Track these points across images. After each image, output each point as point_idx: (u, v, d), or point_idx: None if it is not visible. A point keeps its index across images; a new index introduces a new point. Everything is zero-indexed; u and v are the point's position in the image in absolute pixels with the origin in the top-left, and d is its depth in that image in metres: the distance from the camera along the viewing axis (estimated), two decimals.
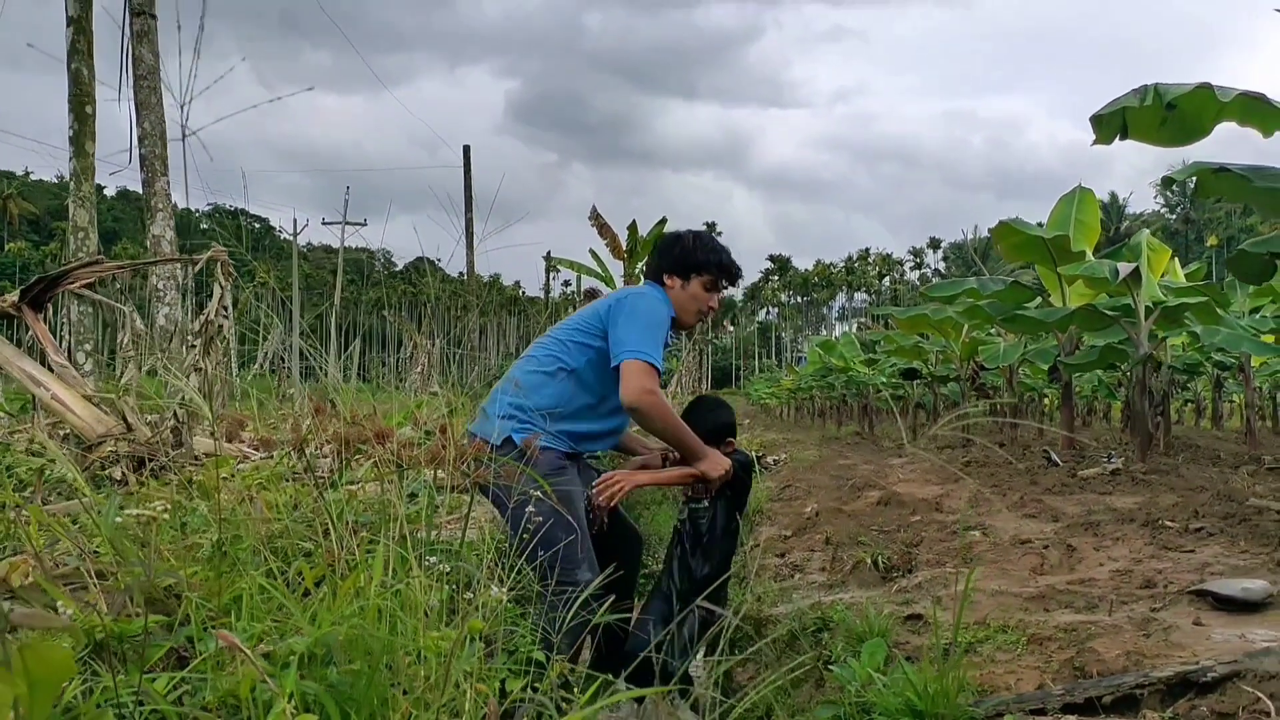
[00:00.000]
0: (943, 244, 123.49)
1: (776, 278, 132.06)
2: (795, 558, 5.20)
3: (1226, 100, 4.15)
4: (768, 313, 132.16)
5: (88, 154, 8.08)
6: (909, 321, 9.98)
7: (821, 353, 17.09)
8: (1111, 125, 4.38)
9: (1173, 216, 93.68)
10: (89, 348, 8.03)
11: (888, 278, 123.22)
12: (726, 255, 3.24)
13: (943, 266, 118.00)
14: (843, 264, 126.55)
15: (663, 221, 13.45)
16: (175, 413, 6.42)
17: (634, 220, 13.14)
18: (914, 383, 13.77)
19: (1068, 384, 8.09)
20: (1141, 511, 4.55)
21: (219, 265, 7.78)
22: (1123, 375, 9.98)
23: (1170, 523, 4.19)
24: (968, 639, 3.02)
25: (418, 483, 2.84)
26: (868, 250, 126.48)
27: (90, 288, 8.01)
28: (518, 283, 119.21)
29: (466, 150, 18.97)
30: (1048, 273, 7.58)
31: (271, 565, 2.15)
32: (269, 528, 2.48)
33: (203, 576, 2.17)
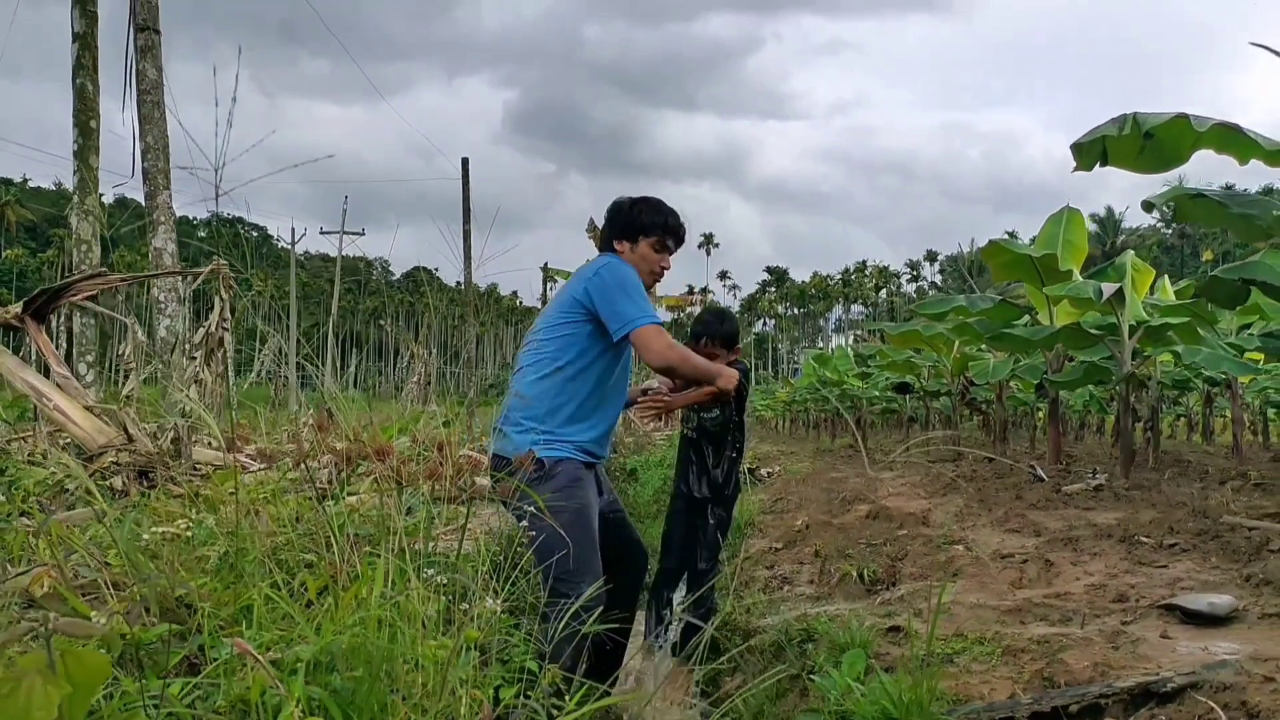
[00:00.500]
0: (940, 257, 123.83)
1: (774, 289, 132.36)
2: (785, 570, 5.31)
3: (1203, 130, 4.29)
4: (764, 324, 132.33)
5: (92, 168, 8.20)
6: (901, 337, 10.11)
7: (816, 366, 17.22)
8: (1092, 153, 4.51)
9: (1169, 231, 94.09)
10: (90, 359, 8.13)
11: (884, 290, 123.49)
12: (672, 216, 3.32)
13: (940, 279, 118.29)
14: (840, 276, 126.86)
15: None
16: (176, 424, 6.53)
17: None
18: (906, 397, 13.89)
19: (1054, 400, 8.23)
20: (1120, 527, 4.66)
21: (220, 278, 7.90)
22: (1113, 390, 10.11)
23: (1146, 538, 4.31)
24: (946, 650, 3.13)
25: (416, 498, 2.94)
26: (865, 262, 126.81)
27: (93, 300, 8.13)
28: (515, 293, 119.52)
29: (465, 163, 19.12)
30: (1036, 291, 7.72)
31: (277, 578, 2.26)
32: (273, 540, 2.59)
33: (211, 588, 2.28)
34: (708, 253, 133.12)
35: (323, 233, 44.35)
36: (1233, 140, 4.43)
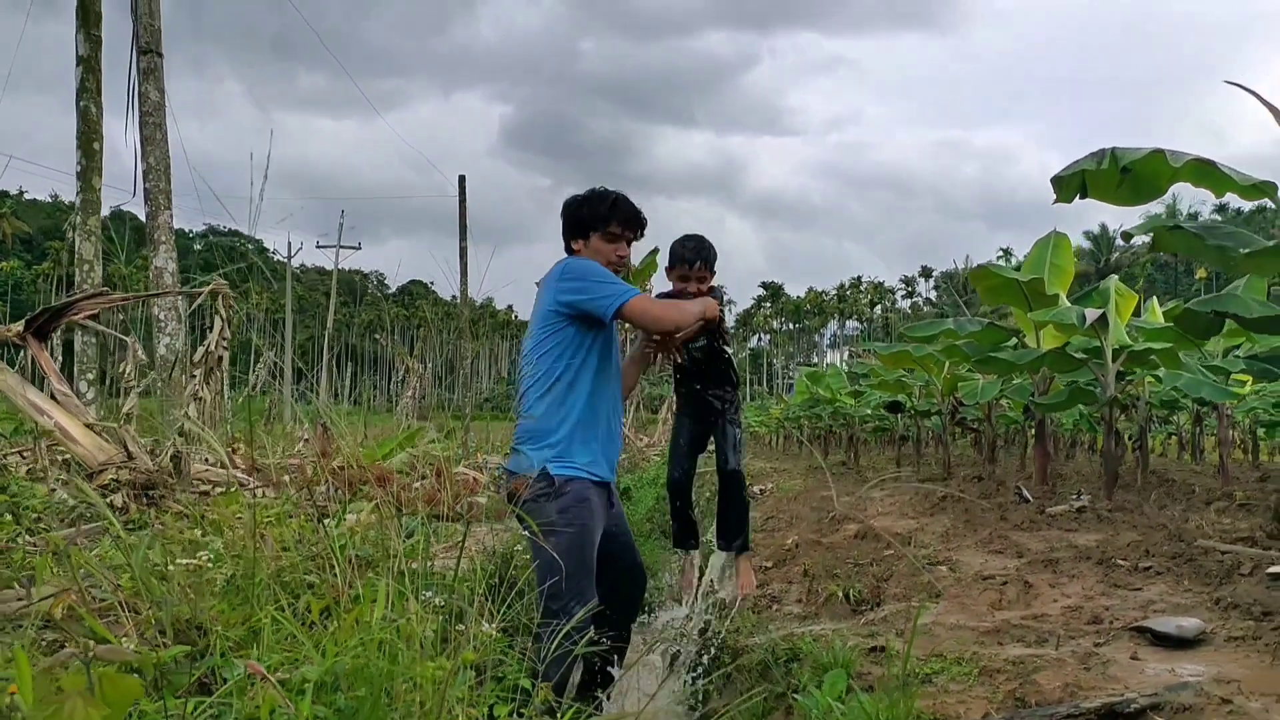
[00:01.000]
0: (934, 273, 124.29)
1: (769, 304, 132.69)
2: (774, 589, 5.41)
3: (1178, 165, 4.42)
4: (759, 339, 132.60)
5: (94, 189, 8.32)
6: (892, 357, 10.23)
7: (809, 383, 17.34)
8: (1071, 186, 4.65)
9: None
10: (91, 376, 8.23)
11: (879, 306, 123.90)
12: (617, 208, 3.30)
13: (934, 295, 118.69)
14: (835, 291, 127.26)
15: (655, 251, 13.65)
16: (175, 441, 6.63)
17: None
18: (898, 416, 14.03)
19: (1041, 422, 8.36)
20: (1099, 549, 4.79)
21: (220, 297, 8.02)
22: (1098, 413, 10.24)
23: (1122, 561, 4.43)
24: (925, 670, 3.25)
25: (415, 521, 3.05)
26: (860, 278, 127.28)
27: (94, 318, 8.24)
28: (510, 307, 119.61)
29: (462, 181, 19.28)
30: (1023, 315, 7.86)
31: (282, 600, 2.37)
32: (277, 564, 2.70)
33: (219, 610, 2.39)
34: None
35: (319, 247, 44.50)
36: (1208, 175, 4.57)
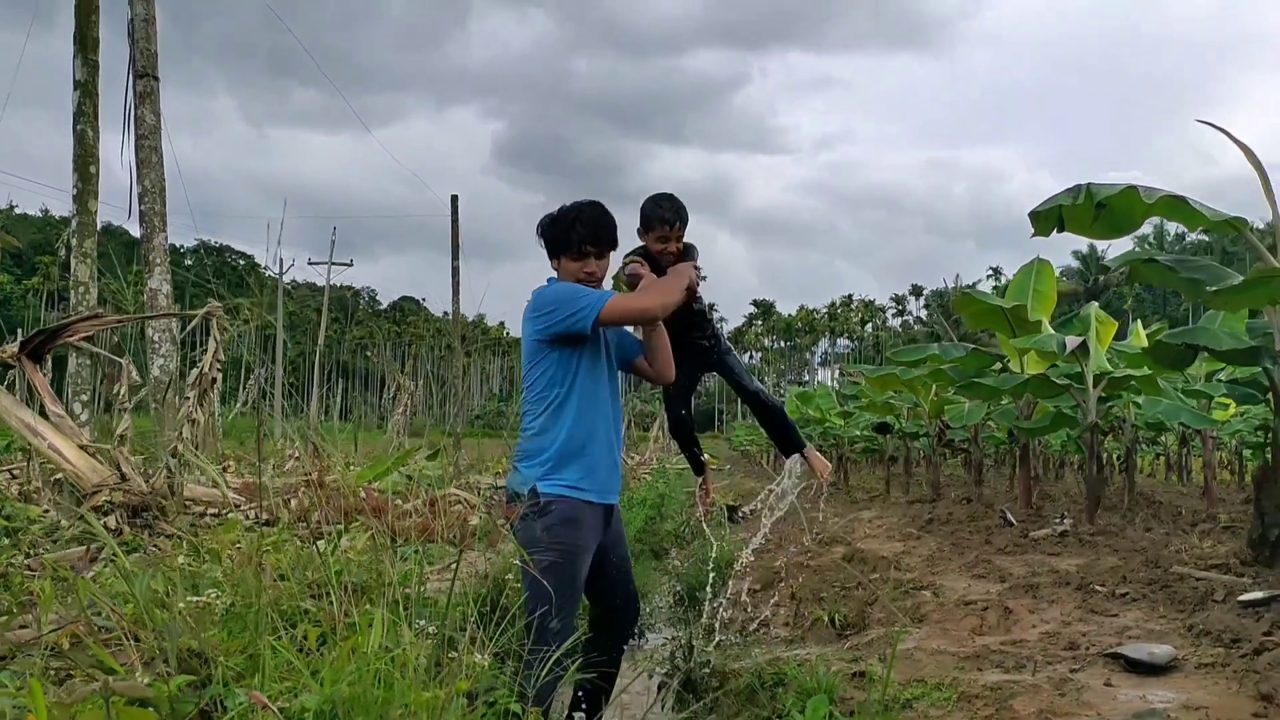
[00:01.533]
0: (925, 291, 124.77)
1: (760, 322, 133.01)
2: (762, 613, 5.49)
3: (1151, 201, 4.56)
4: (751, 357, 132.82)
5: (90, 212, 8.40)
6: (880, 380, 10.37)
7: (799, 403, 17.45)
8: (1049, 220, 4.78)
9: None
10: (85, 398, 8.28)
11: (870, 324, 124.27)
12: (577, 228, 3.23)
13: (925, 314, 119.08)
14: (826, 309, 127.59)
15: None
16: (168, 464, 6.69)
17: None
18: (887, 436, 14.14)
19: (1025, 446, 8.48)
20: (1078, 575, 4.88)
21: (214, 320, 8.08)
22: (1080, 438, 10.36)
23: (1100, 587, 4.52)
24: (906, 695, 3.33)
25: (409, 548, 3.14)
26: (851, 296, 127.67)
27: (89, 340, 8.30)
28: (502, 323, 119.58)
29: (454, 200, 19.40)
30: (1006, 341, 7.99)
31: (279, 628, 2.45)
32: (274, 592, 2.77)
33: (219, 638, 2.47)
34: None
35: (311, 263, 44.54)
36: (1180, 210, 4.71)
